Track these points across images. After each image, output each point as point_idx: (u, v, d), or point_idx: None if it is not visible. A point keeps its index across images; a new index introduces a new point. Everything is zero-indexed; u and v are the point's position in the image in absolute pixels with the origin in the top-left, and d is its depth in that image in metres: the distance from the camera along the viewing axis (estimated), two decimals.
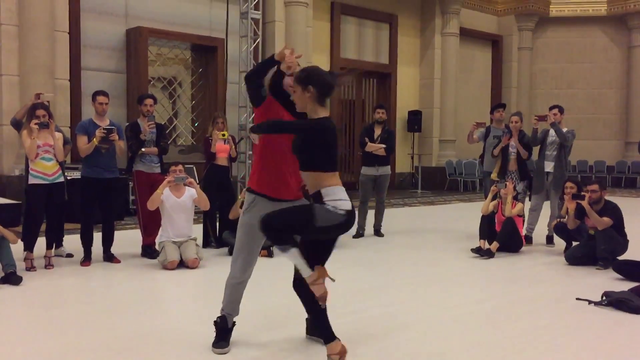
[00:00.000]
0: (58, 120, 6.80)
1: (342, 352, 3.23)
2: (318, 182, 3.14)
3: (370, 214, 8.14)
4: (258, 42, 11.07)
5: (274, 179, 3.44)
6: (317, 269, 3.16)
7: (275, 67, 3.43)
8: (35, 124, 5.53)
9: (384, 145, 7.85)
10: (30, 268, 5.61)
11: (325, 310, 3.28)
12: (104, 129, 5.92)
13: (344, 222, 3.11)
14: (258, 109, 3.46)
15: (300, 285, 3.28)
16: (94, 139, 5.89)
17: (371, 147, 7.86)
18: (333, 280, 3.24)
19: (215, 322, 3.59)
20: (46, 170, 5.64)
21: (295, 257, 3.10)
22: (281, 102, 3.47)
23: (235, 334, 3.62)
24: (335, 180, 3.17)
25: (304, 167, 3.20)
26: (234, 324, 3.62)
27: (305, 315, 3.82)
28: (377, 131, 7.98)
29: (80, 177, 6.27)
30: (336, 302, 3.29)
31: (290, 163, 3.41)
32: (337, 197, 3.11)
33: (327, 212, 3.06)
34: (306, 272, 3.14)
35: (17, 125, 6.26)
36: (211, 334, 3.57)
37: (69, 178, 6.43)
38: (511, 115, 7.70)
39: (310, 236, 3.23)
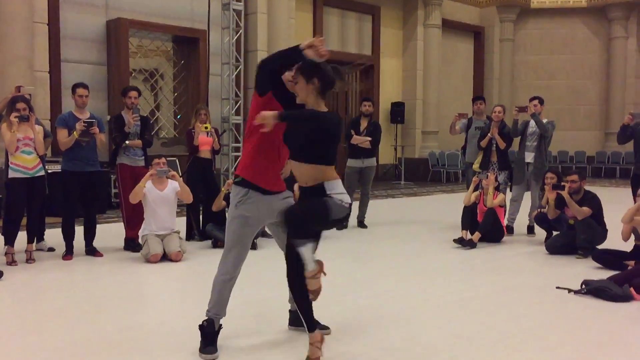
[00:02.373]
0: (38, 113, 6.71)
1: (320, 340, 3.24)
2: (320, 175, 3.14)
3: (354, 206, 8.15)
4: (240, 33, 11.03)
5: (271, 171, 3.41)
6: (317, 262, 3.15)
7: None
8: (15, 117, 5.47)
9: (369, 138, 7.87)
10: (11, 262, 5.56)
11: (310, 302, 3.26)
12: (84, 121, 5.86)
13: (347, 216, 3.22)
14: (258, 99, 3.30)
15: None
16: (74, 132, 5.84)
17: (356, 139, 7.88)
18: (324, 274, 3.24)
19: (201, 325, 3.42)
20: (26, 163, 5.59)
21: (308, 251, 3.08)
22: (278, 93, 3.31)
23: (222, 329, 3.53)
24: (335, 174, 3.20)
25: (306, 159, 3.14)
26: (220, 326, 3.47)
27: (289, 307, 3.85)
28: (364, 124, 7.99)
29: (60, 170, 6.22)
30: (321, 293, 3.29)
31: (283, 156, 3.42)
32: (340, 191, 3.16)
33: (337, 206, 3.12)
34: (311, 265, 3.10)
35: None
36: (195, 327, 3.48)
37: (49, 171, 6.36)
38: (495, 106, 7.76)
39: (321, 229, 3.31)
